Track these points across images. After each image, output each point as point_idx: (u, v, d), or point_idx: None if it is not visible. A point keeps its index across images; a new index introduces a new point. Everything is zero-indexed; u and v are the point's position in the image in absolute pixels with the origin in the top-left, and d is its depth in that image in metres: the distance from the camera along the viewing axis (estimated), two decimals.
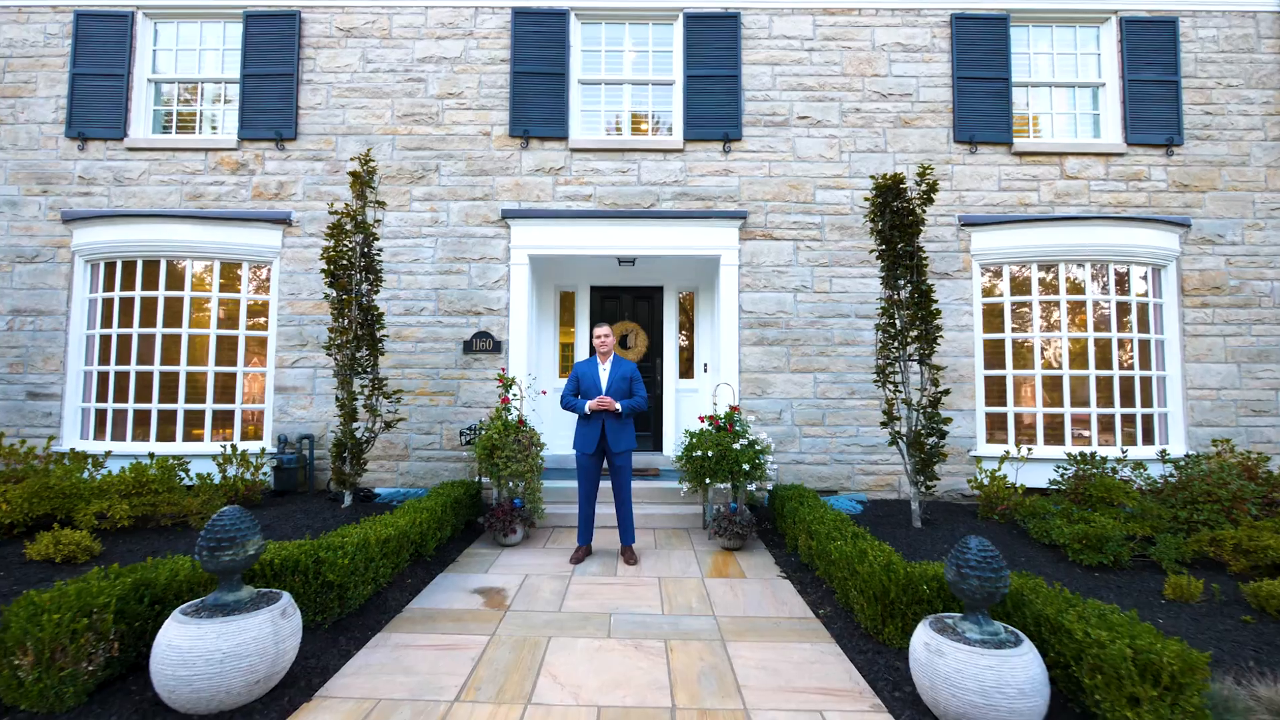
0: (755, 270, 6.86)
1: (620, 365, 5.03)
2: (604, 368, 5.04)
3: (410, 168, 6.97)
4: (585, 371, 5.04)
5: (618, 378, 4.97)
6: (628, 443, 4.95)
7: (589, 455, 4.94)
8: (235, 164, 7.01)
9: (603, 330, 5.03)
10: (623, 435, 4.92)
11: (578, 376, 5.06)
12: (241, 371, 6.86)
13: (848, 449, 6.71)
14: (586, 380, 5.01)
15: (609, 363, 5.04)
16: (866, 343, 6.77)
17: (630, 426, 5.02)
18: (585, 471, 4.97)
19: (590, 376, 5.00)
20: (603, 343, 5.01)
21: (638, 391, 5.00)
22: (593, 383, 4.97)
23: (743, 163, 6.94)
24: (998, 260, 6.84)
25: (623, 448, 4.91)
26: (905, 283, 5.42)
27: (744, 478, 5.53)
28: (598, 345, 5.03)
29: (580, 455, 4.98)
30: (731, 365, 6.75)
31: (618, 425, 4.90)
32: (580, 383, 5.04)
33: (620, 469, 4.94)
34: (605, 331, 5.03)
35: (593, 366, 5.04)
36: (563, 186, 6.95)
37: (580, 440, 4.97)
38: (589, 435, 4.91)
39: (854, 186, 6.90)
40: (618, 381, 4.96)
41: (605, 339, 5.02)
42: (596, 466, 5.01)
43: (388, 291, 6.87)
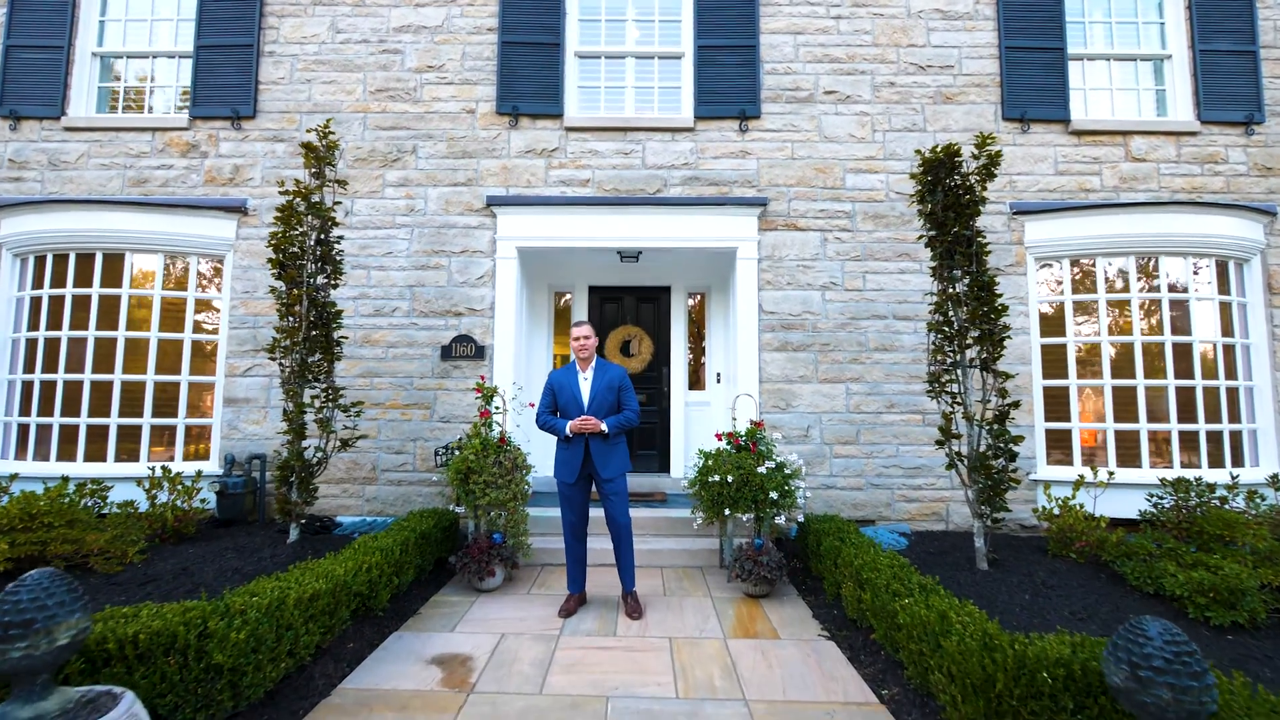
0: (777, 265, 5.97)
1: (605, 372, 4.12)
2: (584, 376, 4.13)
3: (383, 149, 6.13)
4: (562, 382, 4.13)
5: (602, 388, 4.05)
6: (619, 465, 4.02)
7: (571, 484, 4.02)
8: (186, 145, 6.18)
9: (581, 330, 4.14)
10: (612, 458, 4.00)
11: (553, 389, 4.16)
12: (186, 381, 5.97)
13: (886, 471, 5.77)
14: (564, 393, 4.10)
15: (590, 370, 4.14)
16: (906, 348, 5.86)
17: (621, 446, 4.09)
18: (570, 503, 4.05)
19: (568, 388, 4.09)
20: (582, 346, 4.11)
21: (628, 403, 4.09)
22: (571, 396, 4.07)
23: (762, 143, 6.09)
24: (1056, 253, 5.94)
25: (613, 472, 3.98)
26: (962, 274, 4.52)
27: (771, 508, 4.59)
28: (576, 349, 4.13)
29: (562, 485, 4.06)
30: (750, 374, 5.84)
31: (605, 447, 3.98)
32: (557, 396, 4.14)
33: (613, 498, 4.00)
34: (584, 332, 4.13)
35: (571, 375, 4.14)
36: (556, 170, 6.10)
37: (561, 467, 4.06)
38: (570, 460, 4.00)
39: (889, 170, 6.03)
40: (602, 393, 4.04)
41: (585, 341, 4.11)
42: (583, 496, 4.08)
43: (355, 289, 5.99)
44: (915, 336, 5.85)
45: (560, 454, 4.07)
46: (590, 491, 4.13)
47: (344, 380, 5.88)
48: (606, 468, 3.96)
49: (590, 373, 4.13)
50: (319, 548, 4.58)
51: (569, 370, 4.17)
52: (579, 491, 4.04)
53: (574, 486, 4.02)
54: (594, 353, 4.17)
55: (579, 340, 4.12)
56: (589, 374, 4.13)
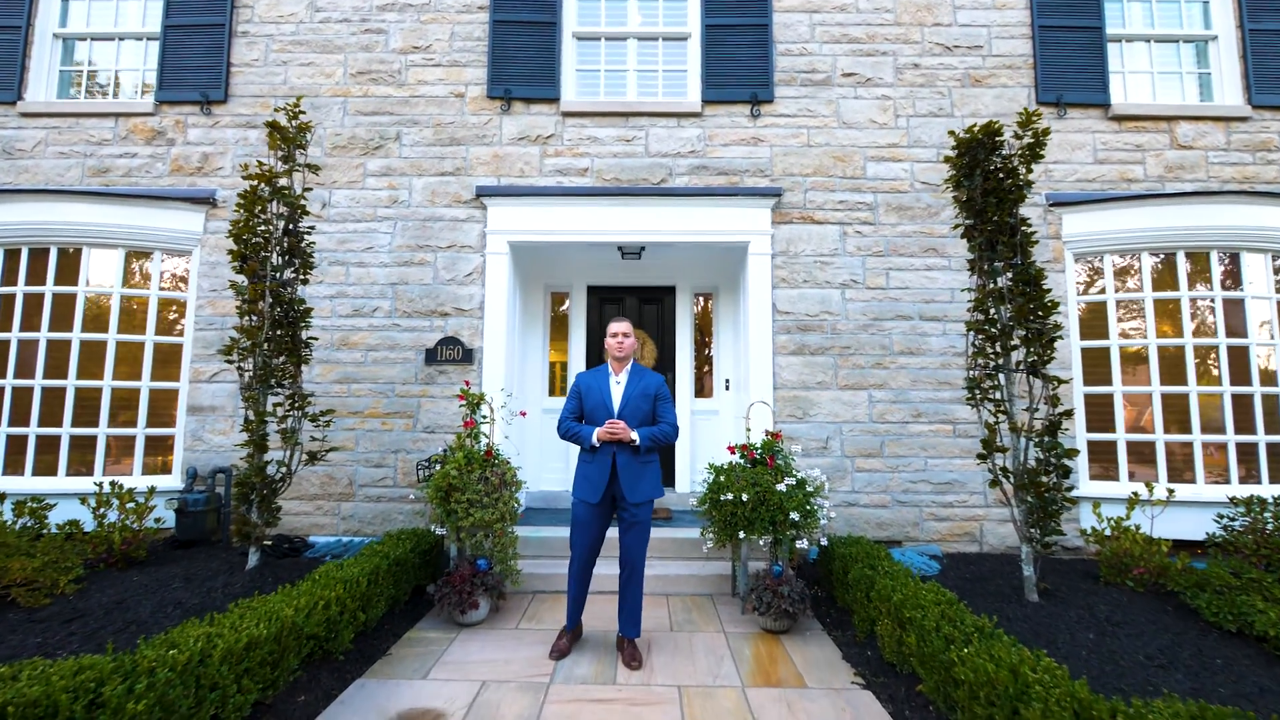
0: (792, 261, 5.47)
1: (641, 378, 3.59)
2: (618, 380, 3.60)
3: (365, 136, 5.66)
4: (591, 385, 3.59)
5: (636, 394, 3.52)
6: (648, 489, 3.48)
7: (592, 506, 3.47)
8: (151, 132, 5.72)
9: (620, 326, 3.61)
10: (643, 479, 3.46)
11: (579, 392, 3.63)
12: (147, 387, 5.46)
13: (913, 487, 5.24)
14: (592, 396, 3.56)
15: (625, 373, 3.60)
16: (934, 351, 5.35)
17: (654, 467, 3.56)
18: (585, 528, 3.49)
19: (597, 391, 3.55)
20: (620, 344, 3.58)
21: (665, 415, 3.56)
22: (600, 401, 3.52)
23: (775, 129, 5.62)
24: (1097, 247, 5.45)
25: (641, 496, 3.44)
26: (1004, 266, 4.02)
27: (790, 530, 4.07)
28: (612, 347, 3.59)
29: (579, 505, 3.51)
30: (764, 381, 5.33)
31: (636, 464, 3.44)
32: (583, 400, 3.60)
33: (634, 527, 3.46)
34: (623, 328, 3.61)
35: (601, 378, 3.61)
36: (552, 158, 5.62)
37: (582, 483, 3.52)
38: (594, 477, 3.46)
39: (914, 158, 5.55)
40: (636, 400, 3.51)
41: (623, 340, 3.58)
42: (602, 522, 3.54)
43: (332, 287, 5.50)
44: (944, 339, 5.35)
45: (583, 468, 3.54)
46: (610, 518, 3.60)
47: (319, 386, 5.38)
48: (634, 489, 3.42)
49: (624, 376, 3.59)
50: (281, 575, 4.06)
51: (599, 373, 3.64)
52: (599, 516, 3.50)
53: (595, 509, 3.47)
54: (632, 353, 3.65)
55: (615, 338, 3.58)
56: (622, 378, 3.59)
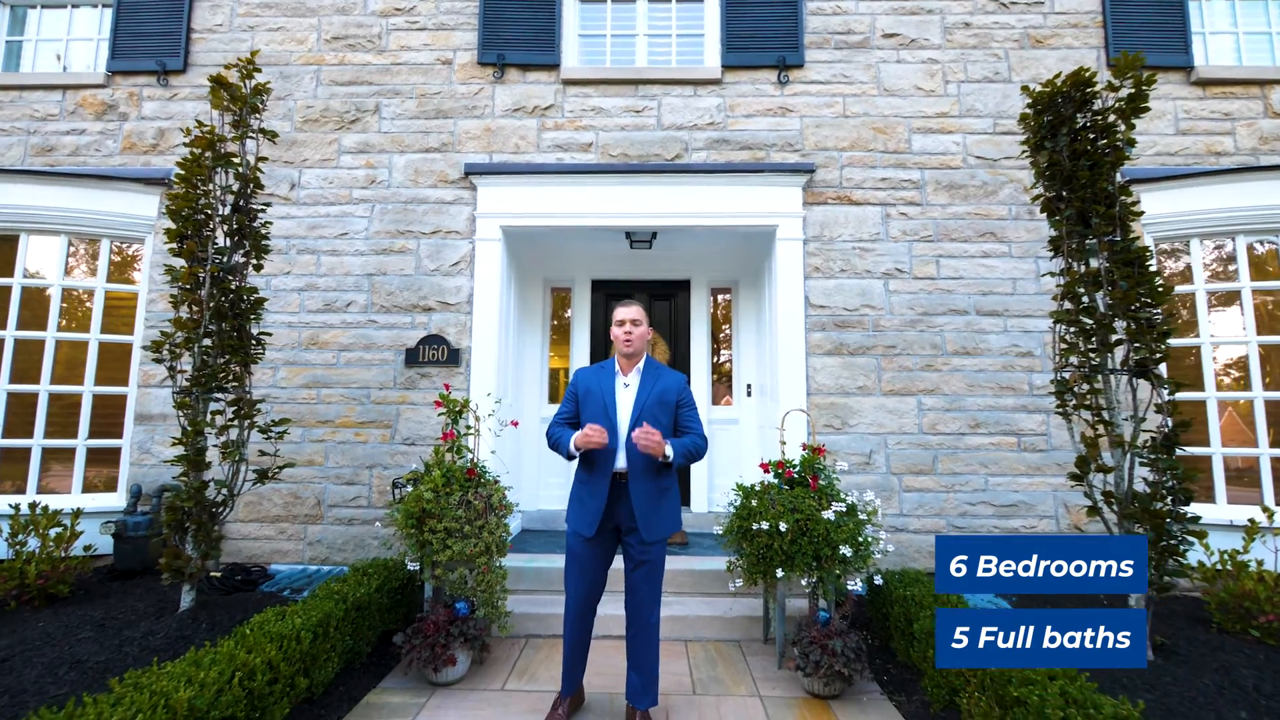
0: (827, 247, 4.75)
1: (658, 379, 2.82)
2: (626, 382, 2.85)
3: (339, 108, 5.00)
4: (592, 386, 2.84)
5: (651, 401, 2.75)
6: (666, 522, 2.74)
7: (588, 540, 2.74)
8: (102, 106, 5.08)
9: (629, 311, 2.84)
10: (658, 509, 2.72)
11: (577, 394, 2.88)
12: (90, 392, 4.79)
13: (972, 509, 4.48)
14: (592, 400, 2.81)
15: (637, 373, 2.84)
16: (994, 351, 4.60)
17: (673, 493, 2.83)
18: (581, 567, 2.75)
19: (599, 393, 2.80)
20: (629, 335, 2.81)
21: (693, 425, 2.83)
22: (601, 408, 2.77)
23: (806, 98, 4.91)
24: (1181, 231, 4.70)
25: (656, 533, 2.70)
26: (1100, 244, 3.28)
27: (839, 567, 3.32)
28: (620, 339, 2.84)
29: (574, 538, 2.78)
30: (795, 385, 4.60)
31: (649, 487, 2.71)
32: (581, 405, 2.86)
33: (644, 566, 2.73)
34: (633, 314, 2.83)
35: (605, 378, 2.85)
36: (551, 132, 4.94)
37: (576, 509, 2.80)
38: (589, 502, 2.73)
39: (966, 129, 4.83)
40: (651, 409, 2.74)
41: (633, 329, 2.81)
42: (603, 560, 2.80)
43: (300, 278, 4.82)
44: (1004, 337, 4.61)
45: (577, 489, 2.81)
46: (614, 552, 2.86)
47: (284, 392, 4.70)
48: (648, 523, 2.67)
49: (635, 377, 2.82)
50: (221, 619, 3.35)
51: (603, 371, 2.88)
52: (600, 551, 2.77)
53: (592, 544, 2.73)
54: (644, 347, 2.88)
55: (623, 327, 2.81)
56: (633, 379, 2.83)
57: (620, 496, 2.71)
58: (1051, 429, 4.51)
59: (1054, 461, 4.49)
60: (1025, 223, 4.71)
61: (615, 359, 2.92)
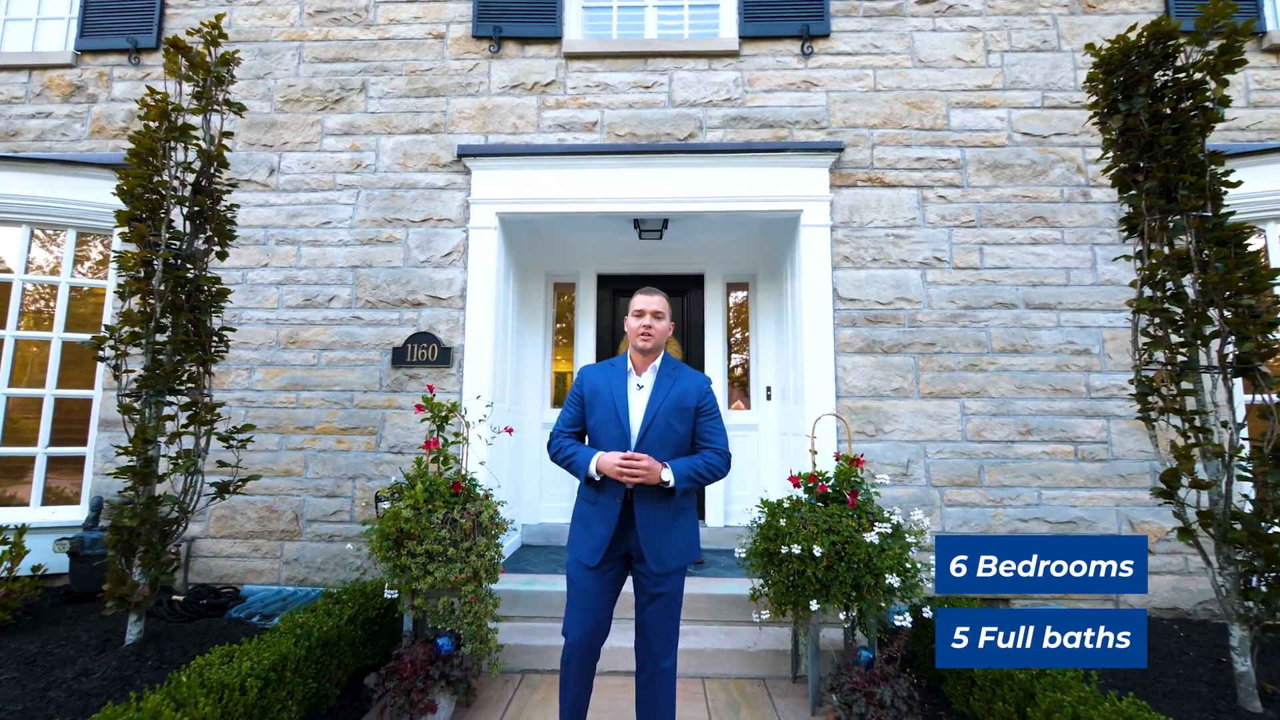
0: (857, 234, 4.29)
1: (676, 380, 2.39)
2: (639, 382, 2.41)
3: (322, 87, 4.60)
4: (600, 386, 2.42)
5: (669, 406, 2.32)
6: (681, 551, 2.31)
7: (592, 570, 2.29)
8: (69, 87, 4.72)
9: (651, 301, 2.40)
10: (673, 535, 2.29)
11: (583, 395, 2.45)
12: (52, 396, 4.40)
13: (1024, 526, 3.99)
14: (601, 405, 2.38)
15: (652, 371, 2.41)
16: (1046, 348, 4.12)
17: (690, 515, 2.38)
18: (585, 601, 2.29)
19: (608, 398, 2.37)
20: (648, 329, 2.37)
21: (713, 438, 2.37)
22: (611, 413, 2.34)
23: (833, 71, 4.46)
24: (1257, 213, 4.19)
25: (669, 563, 2.27)
26: (1183, 218, 2.80)
27: (885, 598, 2.84)
28: (637, 332, 2.39)
29: (575, 568, 2.34)
30: (822, 387, 4.13)
31: (663, 513, 2.28)
32: (588, 408, 2.43)
33: (658, 600, 2.30)
34: (656, 305, 2.39)
35: (616, 377, 2.42)
36: (552, 111, 4.52)
37: (579, 534, 2.36)
38: (597, 526, 2.29)
39: (1011, 103, 4.36)
40: (668, 414, 2.31)
41: (654, 322, 2.37)
42: (608, 591, 2.34)
43: (280, 271, 4.42)
44: (1058, 333, 4.12)
45: (582, 510, 2.38)
46: (623, 583, 2.41)
47: (260, 395, 4.29)
48: (661, 553, 2.24)
49: (650, 376, 2.40)
50: (171, 655, 2.93)
51: (613, 369, 2.45)
52: (604, 585, 2.31)
53: (597, 575, 2.29)
54: (663, 342, 2.44)
55: (643, 318, 2.37)
56: (647, 379, 2.40)
57: (633, 518, 2.27)
58: (1113, 435, 4.02)
59: (1116, 472, 3.99)
60: (1079, 206, 4.23)
61: (628, 355, 2.47)
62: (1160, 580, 3.87)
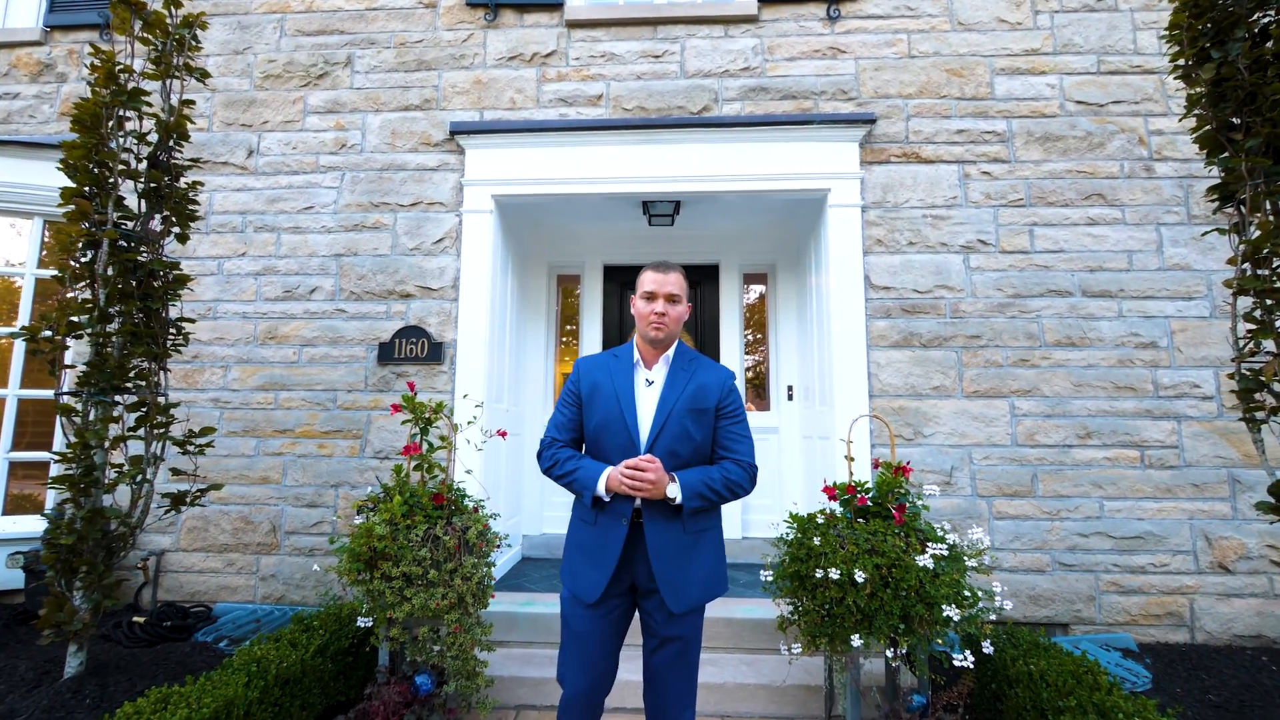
0: (892, 215, 3.86)
1: (693, 374, 1.98)
2: (650, 375, 1.99)
3: (305, 62, 4.25)
4: (601, 380, 2.00)
5: (684, 405, 1.91)
6: (703, 586, 1.89)
7: (591, 607, 1.87)
8: (38, 66, 4.41)
9: (666, 280, 1.95)
10: (690, 566, 1.86)
11: (579, 391, 2.03)
12: (15, 396, 4.08)
13: (1083, 542, 3.53)
14: (603, 402, 1.96)
15: (664, 365, 1.99)
16: (1107, 341, 3.66)
17: (712, 539, 1.95)
18: (580, 646, 1.88)
19: (612, 393, 1.96)
20: (662, 318, 1.94)
21: (736, 446, 1.96)
22: (615, 412, 1.93)
23: (862, 36, 4.04)
24: None
25: (689, 599, 1.85)
26: None
27: (940, 630, 2.41)
28: (648, 319, 1.96)
29: (572, 605, 1.92)
30: (852, 385, 3.70)
31: (678, 535, 1.86)
32: (586, 406, 2.00)
33: (671, 644, 1.88)
34: (672, 285, 1.95)
35: (621, 371, 2.00)
36: (553, 84, 4.13)
37: (575, 563, 1.94)
38: (598, 553, 1.87)
39: (1062, 69, 3.91)
40: (683, 414, 1.91)
41: (668, 309, 1.94)
42: (612, 634, 1.91)
43: (258, 260, 4.07)
44: (1120, 324, 3.67)
45: (578, 533, 1.96)
46: (630, 620, 1.97)
47: (237, 395, 3.94)
48: (678, 588, 1.82)
49: (661, 370, 1.98)
50: (117, 688, 2.56)
51: (616, 361, 2.02)
52: (605, 626, 1.88)
53: (598, 613, 1.87)
54: (677, 330, 2.00)
55: (655, 301, 1.93)
56: (658, 373, 1.99)
57: (635, 544, 1.86)
58: (1184, 439, 3.55)
59: (1189, 481, 3.53)
60: (1141, 181, 3.77)
61: (634, 344, 2.06)
62: (1241, 604, 3.41)
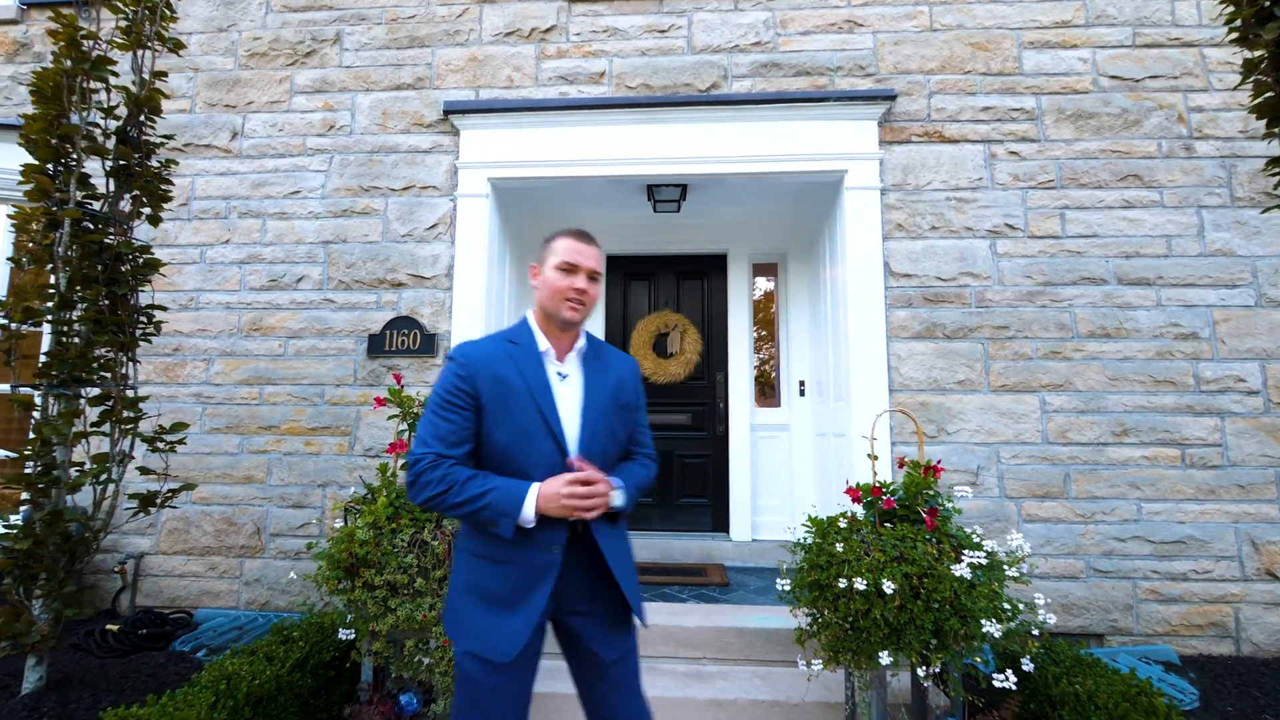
0: (913, 198, 3.63)
1: (605, 362, 1.74)
2: (561, 369, 1.67)
3: (292, 39, 4.04)
4: (508, 374, 1.58)
5: (609, 402, 1.66)
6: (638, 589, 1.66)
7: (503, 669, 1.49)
8: (14, 45, 4.21)
9: (587, 253, 1.64)
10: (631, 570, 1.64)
11: (474, 392, 1.55)
12: None
13: (1120, 547, 3.30)
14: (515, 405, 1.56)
15: (576, 355, 1.71)
16: (1145, 332, 3.42)
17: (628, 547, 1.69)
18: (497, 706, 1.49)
19: (524, 391, 1.57)
20: (581, 296, 1.62)
21: (643, 440, 1.78)
22: (533, 417, 1.56)
23: (881, 8, 3.81)
24: None
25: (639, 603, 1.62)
26: None
27: (977, 644, 2.19)
28: (565, 294, 1.60)
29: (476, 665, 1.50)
30: (871, 378, 3.47)
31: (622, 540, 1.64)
32: (488, 409, 1.56)
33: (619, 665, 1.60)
34: (592, 259, 1.64)
35: (526, 359, 1.62)
36: (553, 60, 3.91)
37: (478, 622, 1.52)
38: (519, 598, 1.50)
39: (1095, 41, 3.67)
40: (610, 414, 1.66)
41: (588, 287, 1.63)
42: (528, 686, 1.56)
43: (242, 248, 3.86)
44: (1158, 313, 3.43)
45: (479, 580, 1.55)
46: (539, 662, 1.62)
47: (220, 390, 3.73)
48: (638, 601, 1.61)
49: (574, 362, 1.70)
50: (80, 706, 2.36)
51: (516, 349, 1.64)
52: (522, 674, 1.54)
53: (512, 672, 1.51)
54: (588, 309, 1.67)
55: (573, 275, 1.61)
56: (573, 365, 1.69)
57: (572, 565, 1.57)
58: (1228, 437, 3.31)
59: (1234, 482, 3.29)
60: (1181, 161, 3.53)
61: (533, 326, 1.69)
62: (1271, 615, 3.17)
